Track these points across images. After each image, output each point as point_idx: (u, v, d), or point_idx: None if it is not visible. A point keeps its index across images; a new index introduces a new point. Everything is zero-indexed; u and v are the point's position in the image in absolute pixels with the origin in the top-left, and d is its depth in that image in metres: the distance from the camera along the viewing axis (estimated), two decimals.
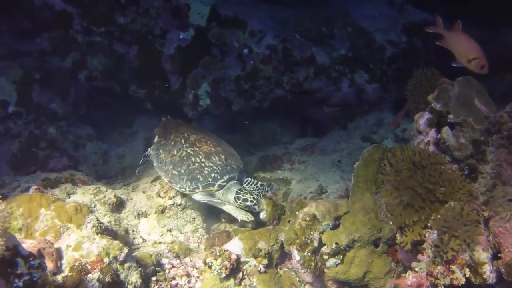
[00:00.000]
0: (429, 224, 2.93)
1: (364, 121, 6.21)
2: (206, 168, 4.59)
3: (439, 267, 2.59)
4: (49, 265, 3.37)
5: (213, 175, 4.57)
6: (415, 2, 6.59)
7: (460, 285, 2.59)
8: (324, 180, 5.36)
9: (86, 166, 5.73)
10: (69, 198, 4.58)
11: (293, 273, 4.38)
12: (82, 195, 4.71)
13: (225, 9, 5.72)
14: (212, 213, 5.22)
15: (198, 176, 4.57)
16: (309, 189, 5.26)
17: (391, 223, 2.92)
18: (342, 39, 6.02)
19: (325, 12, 6.23)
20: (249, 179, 4.81)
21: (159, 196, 5.01)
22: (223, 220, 5.06)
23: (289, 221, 4.58)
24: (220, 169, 4.61)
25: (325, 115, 6.50)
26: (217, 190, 4.58)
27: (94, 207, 4.59)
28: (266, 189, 4.77)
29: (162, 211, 4.93)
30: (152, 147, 5.22)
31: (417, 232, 2.95)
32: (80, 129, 6.02)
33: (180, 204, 4.94)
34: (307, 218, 3.88)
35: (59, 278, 3.37)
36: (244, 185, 4.72)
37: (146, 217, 4.94)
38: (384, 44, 6.04)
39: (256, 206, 4.50)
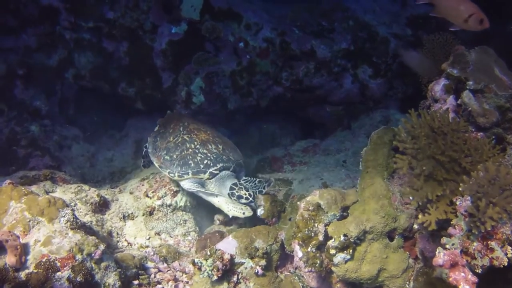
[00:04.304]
0: (454, 200, 2.48)
1: (370, 119, 5.81)
2: (199, 154, 4.26)
3: (475, 244, 2.12)
4: (11, 259, 2.92)
5: (205, 161, 4.22)
6: None
7: (502, 266, 2.11)
8: (328, 178, 4.94)
9: (71, 168, 5.32)
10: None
11: (296, 277, 3.87)
12: (62, 193, 4.29)
13: (218, 1, 5.44)
14: (205, 215, 4.77)
15: (190, 162, 4.23)
16: (312, 188, 4.81)
17: (410, 197, 2.45)
18: (343, 33, 5.72)
19: (323, 7, 5.96)
20: (249, 178, 4.44)
21: (147, 196, 4.57)
22: (217, 222, 4.61)
23: (290, 219, 4.11)
24: (214, 156, 4.26)
25: (328, 115, 6.12)
26: (208, 179, 4.18)
27: (74, 206, 4.15)
28: (263, 185, 4.34)
29: (150, 213, 4.49)
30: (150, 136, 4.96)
31: (442, 209, 2.49)
32: (66, 129, 5.65)
33: (170, 205, 4.51)
34: (310, 208, 3.40)
35: (22, 275, 2.91)
36: (242, 182, 4.35)
37: (133, 219, 4.50)
38: (388, 36, 5.73)
39: (252, 204, 4.07)
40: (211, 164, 4.19)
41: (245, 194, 4.07)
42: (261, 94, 5.73)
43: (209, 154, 4.25)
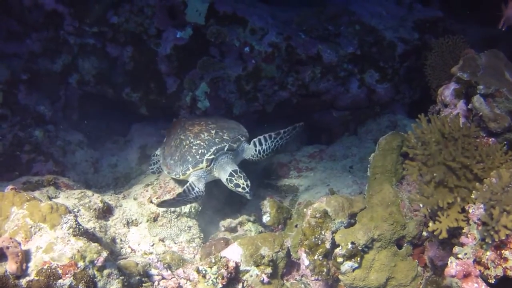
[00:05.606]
0: (466, 207, 2.41)
1: (377, 124, 5.73)
2: (194, 147, 4.28)
3: (488, 253, 2.04)
4: (12, 266, 2.86)
5: (200, 151, 4.23)
6: (425, 2, 6.26)
7: None
8: (335, 184, 4.87)
9: (75, 173, 5.27)
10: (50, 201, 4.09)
11: (302, 285, 3.80)
12: (65, 199, 4.25)
13: (223, 6, 5.39)
14: (210, 221, 4.71)
15: (188, 157, 4.25)
16: (318, 195, 4.76)
17: (421, 205, 2.38)
18: (350, 37, 5.65)
19: (329, 11, 5.90)
20: (255, 140, 4.44)
21: (151, 202, 4.52)
22: (222, 229, 4.54)
23: (296, 226, 4.04)
24: (207, 143, 4.26)
25: (334, 120, 6.05)
26: (208, 166, 4.18)
27: (78, 212, 4.10)
28: (290, 132, 4.53)
29: (154, 219, 4.44)
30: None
31: (453, 217, 2.41)
32: (70, 134, 5.60)
33: (174, 211, 4.45)
34: (317, 215, 3.34)
35: (23, 282, 2.85)
36: (258, 147, 4.39)
37: (137, 225, 4.44)
38: (395, 41, 5.65)
39: (248, 195, 4.03)
40: (205, 152, 4.18)
41: (243, 184, 3.98)
42: (267, 99, 5.67)
43: (202, 143, 4.25)
